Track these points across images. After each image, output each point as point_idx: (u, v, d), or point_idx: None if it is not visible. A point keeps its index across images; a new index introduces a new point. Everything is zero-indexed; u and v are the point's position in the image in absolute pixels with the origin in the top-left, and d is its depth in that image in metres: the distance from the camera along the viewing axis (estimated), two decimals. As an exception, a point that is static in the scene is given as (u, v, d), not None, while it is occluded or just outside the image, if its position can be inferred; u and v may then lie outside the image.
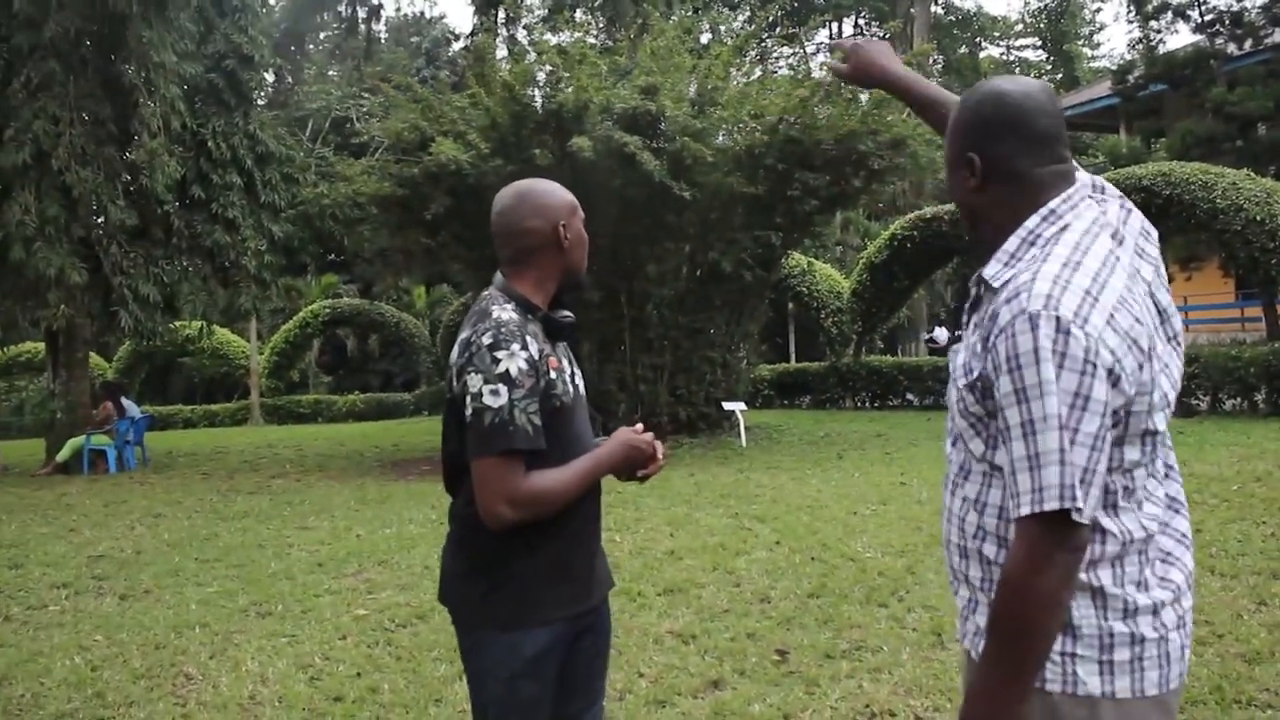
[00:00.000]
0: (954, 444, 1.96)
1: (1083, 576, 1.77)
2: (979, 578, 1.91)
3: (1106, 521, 1.77)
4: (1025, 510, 1.67)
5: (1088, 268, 1.74)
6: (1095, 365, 1.66)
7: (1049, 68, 49.69)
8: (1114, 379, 1.68)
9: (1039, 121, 1.87)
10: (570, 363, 2.60)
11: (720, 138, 16.55)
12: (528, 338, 2.40)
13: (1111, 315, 1.70)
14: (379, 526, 9.60)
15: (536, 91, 16.17)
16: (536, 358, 2.40)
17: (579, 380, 2.61)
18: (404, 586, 7.14)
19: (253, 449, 19.52)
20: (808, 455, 14.07)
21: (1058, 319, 1.66)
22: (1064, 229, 1.82)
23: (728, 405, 16.61)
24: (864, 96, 17.19)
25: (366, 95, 31.53)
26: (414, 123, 16.05)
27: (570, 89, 14.92)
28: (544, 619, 2.46)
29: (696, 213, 15.84)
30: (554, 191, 2.60)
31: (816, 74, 17.07)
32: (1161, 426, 1.79)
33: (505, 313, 2.43)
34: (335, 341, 35.50)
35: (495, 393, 2.34)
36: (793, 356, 33.87)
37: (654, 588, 6.72)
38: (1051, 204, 1.84)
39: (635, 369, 16.36)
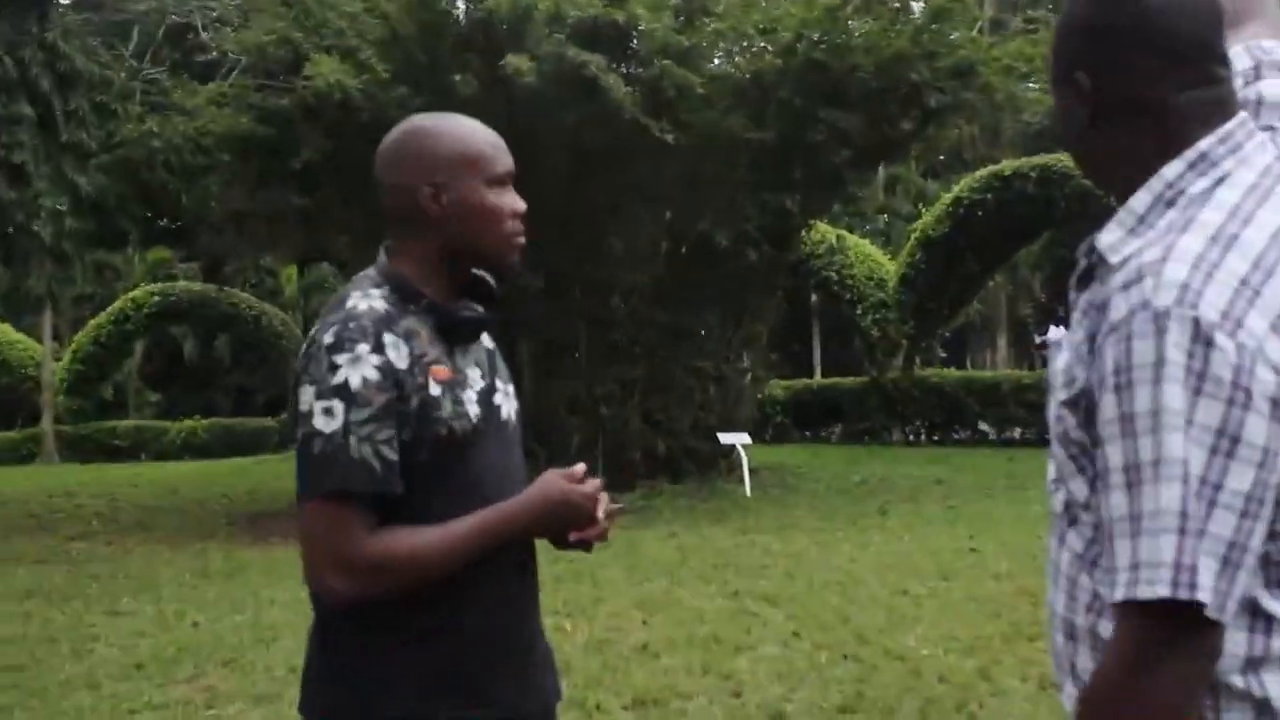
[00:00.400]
0: (1055, 480, 1.88)
1: (1239, 682, 1.67)
2: (1092, 671, 1.79)
3: (1271, 604, 1.67)
4: (1119, 594, 1.60)
5: (1249, 244, 1.65)
6: (1250, 392, 1.56)
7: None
8: None
9: (1179, 24, 1.78)
10: (489, 374, 2.55)
11: (716, 61, 16.60)
12: (388, 336, 2.35)
13: None
14: (226, 611, 9.53)
15: (458, -7, 16.21)
16: (403, 365, 2.34)
17: (502, 400, 2.57)
18: (261, 697, 7.04)
19: (43, 498, 19.35)
20: (838, 509, 14.07)
21: (1196, 321, 1.57)
22: (1219, 183, 1.73)
23: (725, 437, 16.66)
24: (916, 6, 17.30)
25: (217, -6, 31.45)
26: (283, 33, 16.00)
27: (506, -10, 14.96)
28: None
29: (681, 165, 15.85)
30: (446, 133, 2.53)
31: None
32: None
33: (366, 301, 2.40)
34: (167, 343, 35.36)
35: (328, 411, 2.29)
36: (817, 369, 34.05)
37: (619, 699, 6.68)
38: (1202, 145, 1.75)
39: (594, 385, 16.39)
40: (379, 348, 2.33)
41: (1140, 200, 1.76)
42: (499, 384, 2.57)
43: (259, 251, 28.96)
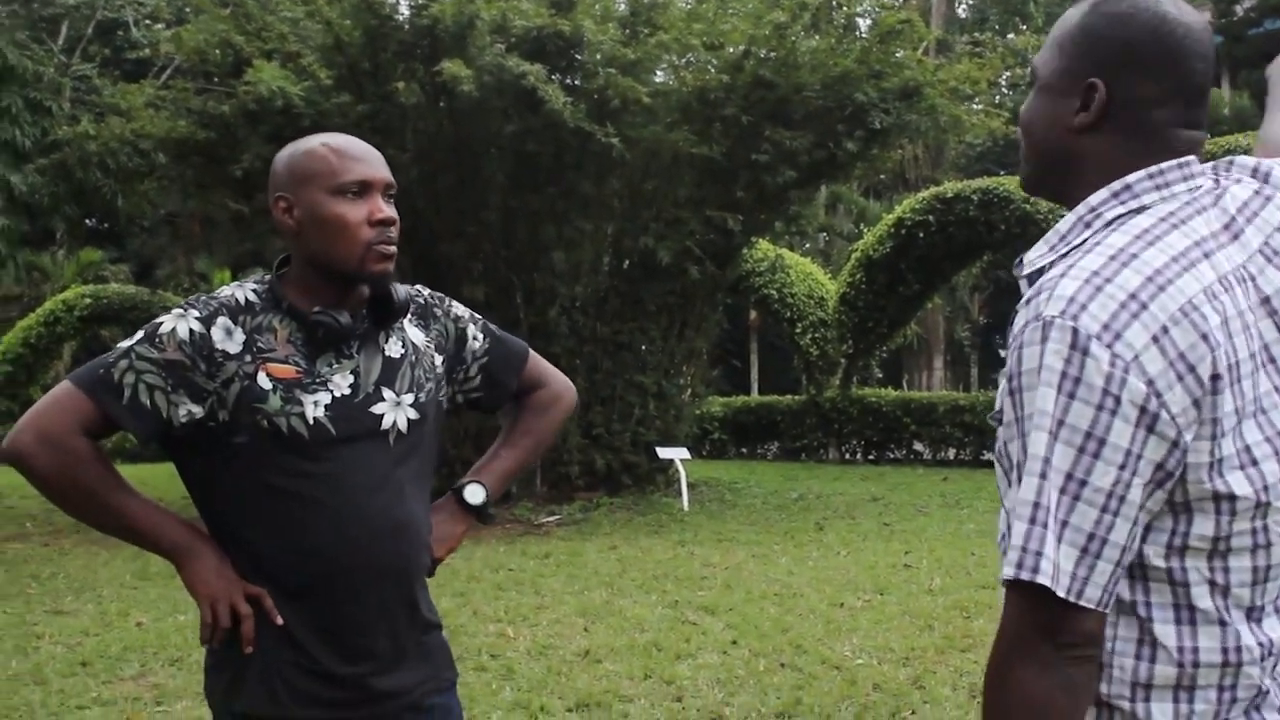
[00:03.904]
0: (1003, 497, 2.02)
1: (1126, 705, 1.80)
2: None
3: (1160, 629, 1.78)
4: (1003, 572, 1.75)
5: (1146, 262, 1.75)
6: (1119, 399, 1.68)
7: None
8: (1149, 420, 1.69)
9: (1199, 69, 1.89)
10: (374, 383, 2.71)
11: (660, 75, 16.76)
12: (224, 320, 2.61)
13: (1165, 329, 1.70)
14: (169, 611, 9.63)
15: (402, 0, 16.31)
16: (231, 349, 2.60)
17: (388, 409, 2.72)
18: (205, 696, 7.18)
19: (-26, 500, 19.26)
20: (775, 524, 14.37)
21: (1074, 331, 1.69)
22: (1136, 211, 1.85)
23: (664, 452, 16.87)
24: (863, 23, 17.59)
25: (150, -10, 31.19)
26: (224, 36, 16.00)
27: (450, -2, 15.11)
28: (280, 715, 2.66)
29: (625, 180, 16.07)
30: (297, 150, 2.76)
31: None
32: (1241, 490, 1.76)
33: (238, 290, 2.71)
34: (98, 345, 35.08)
35: (130, 338, 2.63)
36: (755, 386, 34.26)
37: (562, 701, 6.90)
38: (1129, 178, 1.88)
39: (534, 398, 16.39)
40: (206, 321, 2.60)
41: (1066, 222, 1.89)
42: (389, 394, 2.72)
43: (193, 254, 28.84)
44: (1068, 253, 1.85)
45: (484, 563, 11.45)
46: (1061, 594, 1.67)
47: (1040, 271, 1.87)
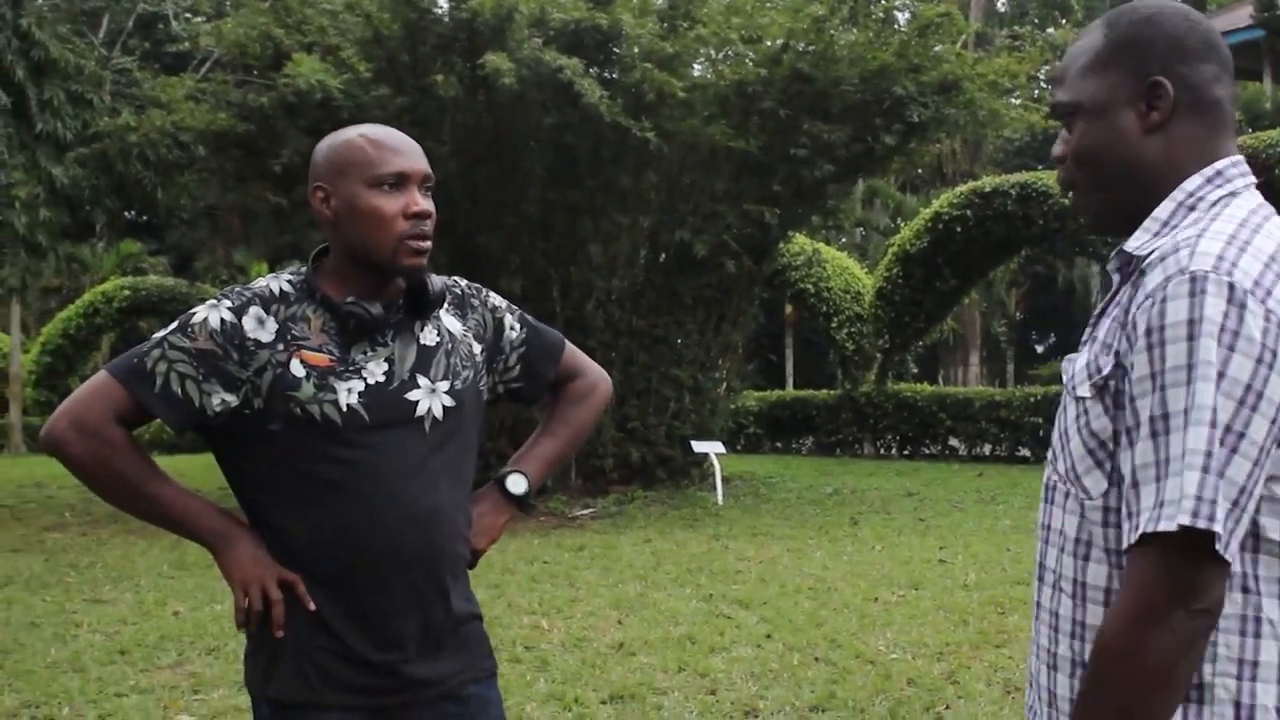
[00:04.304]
0: (1049, 498, 1.98)
1: (1232, 686, 1.77)
2: (1100, 624, 1.85)
3: (1268, 604, 1.78)
4: (1138, 532, 1.71)
5: (1270, 235, 1.81)
6: (1275, 352, 1.70)
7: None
8: None
9: (1224, 44, 1.99)
10: (409, 370, 2.72)
11: (697, 69, 16.77)
12: (257, 310, 2.65)
13: None
14: (205, 601, 9.70)
15: (441, -7, 16.36)
16: (263, 338, 2.62)
17: (424, 396, 2.73)
18: (244, 683, 7.22)
19: (15, 489, 19.39)
20: (810, 519, 14.34)
21: (1231, 286, 1.70)
22: (1232, 194, 1.90)
23: (699, 446, 16.85)
24: (902, 17, 17.52)
25: (190, -16, 31.33)
26: (264, 29, 16.10)
27: (489, -10, 15.13)
28: (313, 701, 2.67)
29: (662, 173, 16.07)
30: (337, 140, 2.75)
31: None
32: None
33: (273, 282, 2.74)
34: (136, 337, 35.33)
35: (165, 328, 2.67)
36: (790, 381, 34.18)
37: (596, 693, 6.90)
38: (1219, 164, 1.93)
39: (570, 390, 16.43)
40: (238, 311, 2.63)
41: (1164, 209, 1.92)
42: (424, 381, 2.73)
43: (232, 247, 28.97)
44: (1174, 233, 1.87)
45: (519, 555, 11.48)
46: (1219, 546, 1.66)
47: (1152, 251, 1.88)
